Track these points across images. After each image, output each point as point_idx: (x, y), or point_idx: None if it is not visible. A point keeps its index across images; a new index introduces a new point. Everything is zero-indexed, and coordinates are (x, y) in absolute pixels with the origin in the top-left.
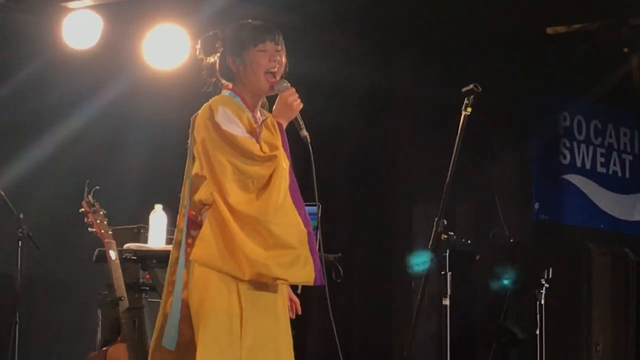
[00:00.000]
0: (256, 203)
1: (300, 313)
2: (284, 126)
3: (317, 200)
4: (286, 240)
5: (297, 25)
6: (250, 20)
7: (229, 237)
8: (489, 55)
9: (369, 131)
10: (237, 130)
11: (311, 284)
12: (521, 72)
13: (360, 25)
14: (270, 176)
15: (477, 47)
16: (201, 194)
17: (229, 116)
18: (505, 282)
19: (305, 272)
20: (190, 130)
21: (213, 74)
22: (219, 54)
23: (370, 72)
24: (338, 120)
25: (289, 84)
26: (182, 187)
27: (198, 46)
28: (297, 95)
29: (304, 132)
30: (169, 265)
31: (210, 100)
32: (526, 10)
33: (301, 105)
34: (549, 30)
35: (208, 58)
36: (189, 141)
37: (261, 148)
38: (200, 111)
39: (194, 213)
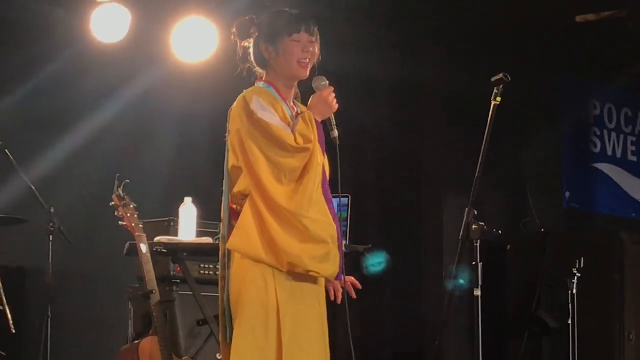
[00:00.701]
0: (291, 196)
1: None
2: (319, 122)
3: (340, 191)
4: (319, 235)
5: (326, 17)
6: (287, 9)
7: (265, 228)
8: (518, 44)
9: (398, 122)
10: (272, 118)
11: (334, 279)
12: (551, 61)
13: (387, 17)
14: (305, 169)
15: (505, 37)
16: (240, 186)
17: (262, 105)
18: (461, 281)
19: (334, 267)
20: (227, 124)
21: (246, 60)
22: (253, 40)
23: (399, 64)
24: (367, 112)
25: (327, 82)
26: (223, 181)
27: (233, 30)
28: (334, 95)
29: (335, 133)
30: (220, 259)
31: (244, 92)
32: None
33: (337, 106)
34: (579, 19)
35: (242, 42)
36: (226, 134)
37: (295, 139)
38: (235, 103)
39: (235, 206)
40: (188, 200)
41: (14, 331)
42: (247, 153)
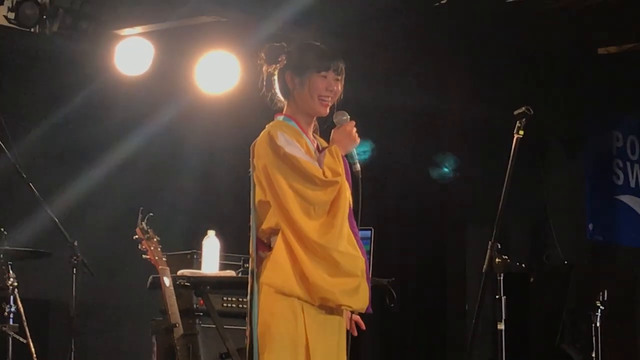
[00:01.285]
0: (322, 230)
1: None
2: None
3: (358, 224)
4: (350, 268)
5: (350, 49)
6: (317, 43)
7: (297, 262)
8: (541, 76)
9: (422, 154)
10: (299, 152)
11: (364, 311)
12: (573, 92)
13: (411, 49)
14: (334, 203)
15: (528, 69)
16: (270, 222)
17: (288, 140)
18: (445, 169)
19: (364, 300)
20: (250, 158)
21: (270, 86)
22: (279, 67)
23: (422, 95)
24: (390, 143)
25: (348, 117)
26: (250, 216)
27: (261, 54)
28: (355, 128)
29: (357, 167)
30: (248, 293)
31: (267, 127)
32: (577, 31)
33: (359, 140)
34: (601, 50)
35: (267, 68)
36: (250, 169)
37: (324, 173)
38: (259, 138)
39: (263, 238)
40: (211, 233)
41: None
42: (275, 188)
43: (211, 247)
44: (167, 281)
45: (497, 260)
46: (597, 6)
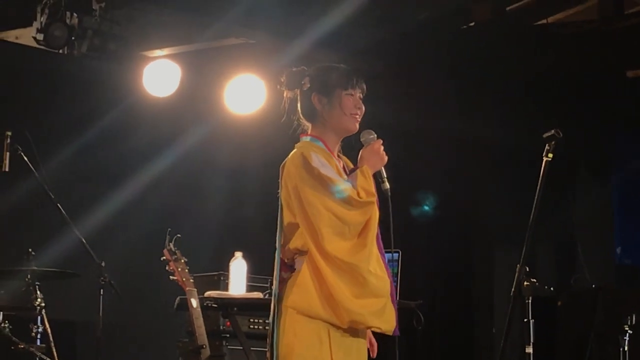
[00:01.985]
0: (352, 250)
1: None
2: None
3: (392, 246)
4: (379, 289)
5: (377, 72)
6: (339, 65)
7: (324, 284)
8: (570, 99)
9: (450, 177)
10: (333, 174)
11: (391, 333)
12: (602, 116)
13: (441, 72)
14: (366, 224)
15: (557, 92)
16: (296, 243)
17: (322, 161)
18: (426, 207)
19: (391, 322)
20: (279, 179)
21: (293, 110)
22: (301, 91)
23: (451, 119)
24: (417, 165)
25: (375, 135)
26: (276, 237)
27: (282, 79)
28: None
29: (386, 185)
30: (271, 317)
31: (297, 147)
32: (606, 55)
33: (387, 158)
34: (630, 74)
35: (288, 93)
36: (279, 190)
37: (358, 194)
38: (290, 158)
39: (286, 259)
40: (238, 255)
41: None
42: (305, 209)
43: (238, 269)
44: (194, 302)
45: (525, 283)
46: (626, 29)
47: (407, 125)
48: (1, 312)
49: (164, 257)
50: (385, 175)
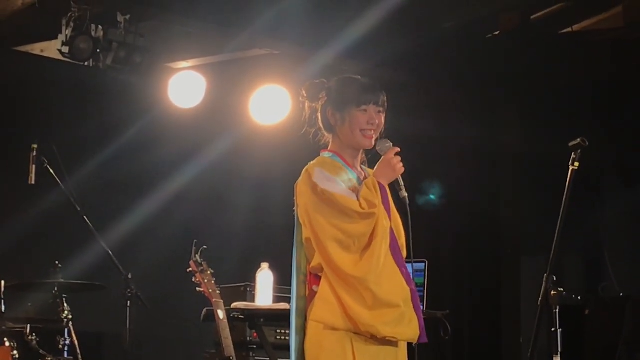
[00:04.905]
0: (359, 263)
1: None
2: (385, 186)
3: (412, 255)
4: (389, 299)
5: (400, 82)
6: (358, 77)
7: (339, 297)
8: (596, 106)
9: (476, 186)
10: (335, 187)
11: (415, 341)
12: (630, 123)
13: (465, 81)
14: (372, 234)
15: (583, 99)
16: (318, 259)
17: (325, 175)
18: (432, 196)
19: (411, 330)
20: (294, 198)
21: (313, 122)
22: (321, 104)
23: (476, 127)
24: (445, 175)
25: (391, 144)
26: (294, 253)
27: (303, 91)
28: (399, 157)
29: (404, 193)
30: (294, 331)
31: (308, 165)
32: (632, 62)
33: (403, 169)
34: None
35: (310, 104)
36: (294, 208)
37: (360, 205)
38: (300, 177)
39: (317, 273)
40: (265, 266)
41: None
42: (314, 226)
43: (265, 280)
44: (221, 314)
45: (552, 292)
46: None
47: (431, 135)
48: (29, 325)
49: (190, 269)
50: (402, 184)
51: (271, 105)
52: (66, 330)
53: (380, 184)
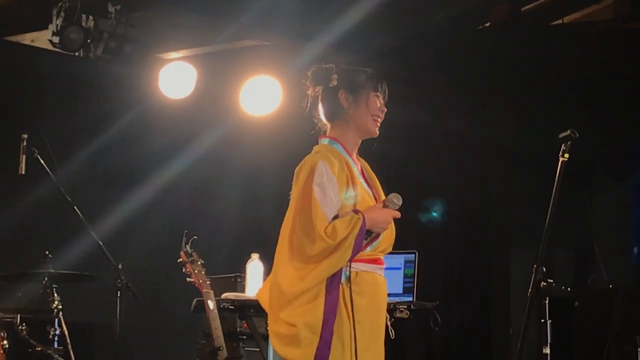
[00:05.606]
0: (295, 277)
1: None
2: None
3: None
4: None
5: (392, 73)
6: (366, 69)
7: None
8: (586, 98)
9: (466, 178)
10: (324, 198)
11: None
12: (619, 115)
13: (453, 72)
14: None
15: (573, 91)
16: None
17: (327, 174)
18: (434, 214)
19: (302, 355)
20: (293, 182)
21: (315, 107)
22: (326, 87)
23: (466, 119)
24: (434, 167)
25: (400, 205)
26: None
27: (309, 75)
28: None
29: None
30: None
31: (314, 152)
32: (622, 54)
33: (386, 230)
34: None
35: (313, 89)
36: (290, 192)
37: (326, 228)
38: (303, 163)
39: None
40: (255, 256)
41: None
42: (294, 219)
43: (255, 270)
44: (211, 304)
45: (542, 284)
46: None
47: (422, 126)
48: (19, 315)
49: (181, 259)
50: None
51: (262, 96)
52: (56, 320)
53: (361, 227)
